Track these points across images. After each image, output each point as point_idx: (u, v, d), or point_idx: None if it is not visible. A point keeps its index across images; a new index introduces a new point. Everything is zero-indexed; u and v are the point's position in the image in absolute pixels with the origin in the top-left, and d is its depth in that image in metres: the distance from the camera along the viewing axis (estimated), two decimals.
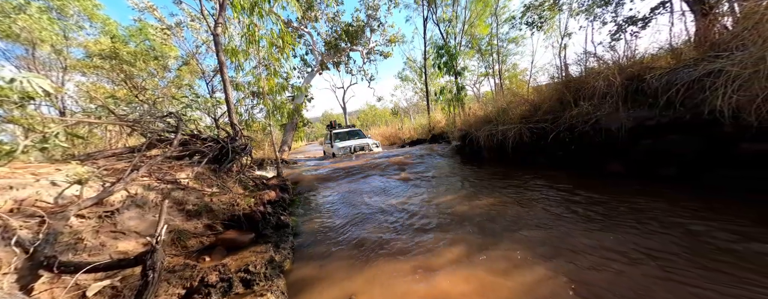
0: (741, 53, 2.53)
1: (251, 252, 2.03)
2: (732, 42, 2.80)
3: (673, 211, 2.09)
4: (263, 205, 2.73)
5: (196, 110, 7.11)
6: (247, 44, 5.71)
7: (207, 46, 11.02)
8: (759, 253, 1.46)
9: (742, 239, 1.59)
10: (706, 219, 1.89)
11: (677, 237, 1.72)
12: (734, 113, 2.50)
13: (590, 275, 1.46)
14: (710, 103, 2.65)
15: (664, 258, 1.52)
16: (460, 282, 1.53)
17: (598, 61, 4.51)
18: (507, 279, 1.50)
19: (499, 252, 1.79)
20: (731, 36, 2.95)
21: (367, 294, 1.51)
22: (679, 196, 2.42)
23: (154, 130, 3.53)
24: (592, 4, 6.98)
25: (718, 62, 2.70)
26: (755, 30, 2.50)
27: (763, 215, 1.83)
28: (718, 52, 2.90)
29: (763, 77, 2.25)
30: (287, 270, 1.93)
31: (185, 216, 2.36)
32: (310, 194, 4.23)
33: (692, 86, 2.95)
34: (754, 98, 2.31)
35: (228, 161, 3.64)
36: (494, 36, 13.13)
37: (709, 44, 3.29)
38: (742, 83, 2.42)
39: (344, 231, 2.51)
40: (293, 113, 8.71)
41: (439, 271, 1.66)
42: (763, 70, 2.22)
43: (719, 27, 3.60)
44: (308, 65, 13.58)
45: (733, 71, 2.48)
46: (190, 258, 1.92)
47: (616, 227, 1.96)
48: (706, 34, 3.55)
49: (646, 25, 6.14)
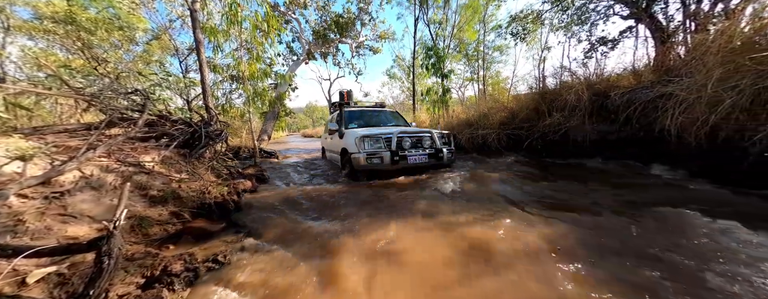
0: (689, 80, 2.86)
1: (222, 241, 1.95)
2: (683, 69, 3.16)
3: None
4: (238, 194, 2.62)
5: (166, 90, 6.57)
6: (229, 24, 5.37)
7: (183, 22, 10.17)
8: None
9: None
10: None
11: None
12: (679, 133, 2.83)
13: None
14: (660, 122, 2.97)
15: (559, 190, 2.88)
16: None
17: (572, 76, 4.85)
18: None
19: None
20: (682, 63, 3.32)
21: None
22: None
23: (116, 107, 3.22)
24: (570, 22, 7.45)
25: (670, 86, 3.03)
26: (701, 60, 2.83)
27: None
28: (671, 77, 3.26)
29: (704, 102, 2.56)
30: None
31: (148, 202, 2.20)
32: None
33: (648, 106, 3.29)
34: (695, 121, 2.63)
35: (200, 146, 3.43)
36: (481, 42, 13.55)
37: (664, 69, 3.67)
38: (687, 107, 2.74)
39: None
40: (275, 101, 8.28)
41: (404, 218, 2.13)
42: (704, 96, 2.53)
43: (674, 54, 4.03)
44: (294, 53, 13.10)
45: (681, 95, 2.80)
46: (152, 247, 1.80)
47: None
48: (663, 59, 3.96)
49: (614, 47, 6.70)
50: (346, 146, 3.74)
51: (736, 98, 2.35)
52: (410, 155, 3.45)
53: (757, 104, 2.30)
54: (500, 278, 1.37)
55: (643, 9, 5.41)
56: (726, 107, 2.37)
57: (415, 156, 3.48)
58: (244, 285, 1.42)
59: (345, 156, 3.82)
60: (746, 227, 1.64)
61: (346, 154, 3.71)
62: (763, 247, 1.48)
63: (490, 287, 1.32)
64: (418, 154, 3.52)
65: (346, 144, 3.76)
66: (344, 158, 3.88)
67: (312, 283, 1.42)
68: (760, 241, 1.53)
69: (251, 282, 1.44)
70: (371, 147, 3.42)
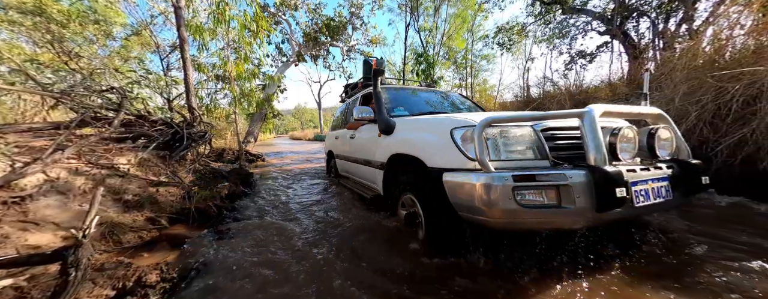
0: (658, 93, 3.08)
1: (203, 248, 1.85)
2: (653, 83, 3.40)
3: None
4: (221, 199, 2.52)
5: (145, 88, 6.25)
6: (216, 23, 5.22)
7: (166, 18, 9.80)
8: None
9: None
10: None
11: None
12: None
13: None
14: None
15: None
16: None
17: (554, 86, 5.11)
18: None
19: None
20: (653, 78, 3.57)
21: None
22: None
23: (89, 105, 3.03)
24: (552, 35, 7.87)
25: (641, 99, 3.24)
26: (669, 76, 3.07)
27: None
28: (642, 91, 3.49)
29: (673, 114, 2.76)
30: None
31: (122, 207, 2.07)
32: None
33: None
34: None
35: (182, 148, 3.27)
36: (469, 51, 13.99)
37: (636, 83, 3.93)
38: None
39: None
40: (263, 102, 8.06)
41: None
42: (672, 109, 2.73)
43: (645, 69, 4.34)
44: (283, 54, 12.91)
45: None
46: (125, 255, 1.69)
47: None
48: (635, 73, 4.25)
49: (592, 60, 7.13)
50: (416, 151, 1.63)
51: (699, 112, 2.55)
52: (642, 186, 1.16)
53: (718, 118, 2.50)
54: None
55: (617, 26, 5.80)
56: (691, 119, 2.56)
57: (653, 185, 1.21)
58: (226, 296, 1.35)
59: (404, 180, 1.74)
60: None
61: (418, 175, 1.59)
62: None
63: None
64: (659, 179, 1.24)
65: (415, 147, 1.66)
66: (404, 183, 1.74)
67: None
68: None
69: (235, 293, 1.38)
70: (516, 155, 1.27)
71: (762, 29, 2.69)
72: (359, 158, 2.59)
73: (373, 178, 2.29)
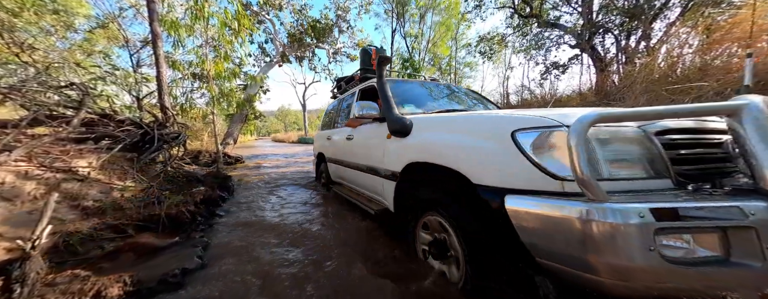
0: (621, 104, 3.36)
1: (174, 258, 1.73)
2: (617, 94, 3.70)
3: None
4: (195, 204, 2.37)
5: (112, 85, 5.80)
6: (193, 19, 4.99)
7: (137, 12, 9.21)
8: None
9: None
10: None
11: None
12: None
13: None
14: None
15: None
16: None
17: (531, 95, 5.40)
18: None
19: None
20: (617, 89, 3.89)
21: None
22: None
23: (44, 102, 2.75)
24: (529, 46, 8.34)
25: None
26: (630, 88, 3.36)
27: None
28: (609, 100, 3.80)
29: None
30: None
31: (81, 214, 1.88)
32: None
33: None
34: None
35: (152, 150, 3.06)
36: (453, 58, 14.46)
37: (603, 93, 4.26)
38: None
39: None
40: (244, 103, 7.75)
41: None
42: None
43: (610, 81, 4.72)
44: (267, 54, 12.57)
45: None
46: (81, 268, 1.53)
47: None
48: (602, 85, 4.61)
49: (564, 71, 7.64)
50: (451, 161, 1.15)
51: None
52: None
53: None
54: None
55: (586, 40, 6.28)
56: None
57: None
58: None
59: (427, 197, 1.32)
60: None
61: (452, 193, 1.17)
62: None
63: None
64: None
65: (449, 156, 1.18)
66: (427, 200, 1.32)
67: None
68: None
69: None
70: (623, 171, 0.81)
71: (706, 48, 3.04)
72: (360, 164, 2.12)
73: (379, 189, 1.84)
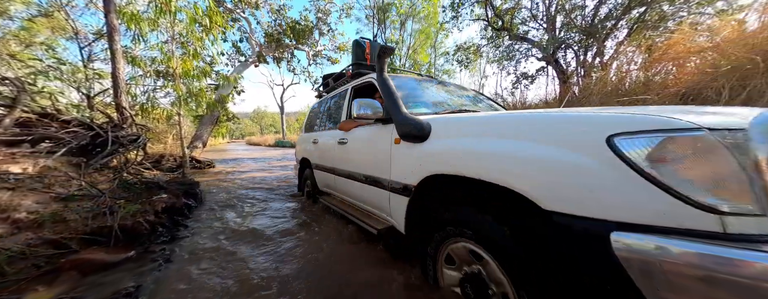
0: None
1: (129, 274, 1.55)
2: (577, 103, 4.04)
3: None
4: (156, 214, 2.17)
5: (55, 80, 5.17)
6: (158, 13, 4.65)
7: (89, 1, 8.36)
8: None
9: None
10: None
11: None
12: None
13: None
14: None
15: None
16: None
17: (504, 103, 5.73)
18: None
19: None
20: (577, 100, 4.26)
21: None
22: None
23: None
24: (502, 57, 8.89)
25: None
26: (588, 99, 3.69)
27: None
28: None
29: None
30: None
31: (11, 228, 1.64)
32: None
33: None
34: None
35: (105, 154, 2.76)
36: (432, 65, 14.94)
37: (565, 102, 4.64)
38: None
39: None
40: (215, 104, 7.28)
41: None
42: None
43: (571, 92, 5.16)
44: (242, 54, 12.04)
45: None
46: (7, 292, 1.32)
47: None
48: (564, 95, 5.02)
49: (533, 81, 8.23)
50: (506, 177, 0.82)
51: None
52: None
53: None
54: None
55: (550, 54, 6.84)
56: None
57: None
58: None
59: (452, 218, 1.02)
60: None
61: (499, 216, 0.87)
62: None
63: None
64: None
65: (500, 169, 0.85)
66: (454, 222, 1.02)
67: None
68: None
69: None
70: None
71: (648, 66, 3.45)
72: (356, 173, 1.80)
73: (383, 204, 1.54)
